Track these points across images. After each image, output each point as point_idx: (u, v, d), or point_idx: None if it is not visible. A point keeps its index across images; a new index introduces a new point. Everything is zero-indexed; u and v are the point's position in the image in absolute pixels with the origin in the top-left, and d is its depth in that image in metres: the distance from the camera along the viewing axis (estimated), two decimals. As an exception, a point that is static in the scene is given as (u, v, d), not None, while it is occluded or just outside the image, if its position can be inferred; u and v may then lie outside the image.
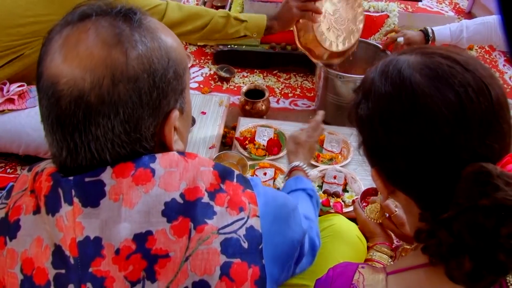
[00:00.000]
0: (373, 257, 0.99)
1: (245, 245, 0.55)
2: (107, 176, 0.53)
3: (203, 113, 1.73)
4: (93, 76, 0.51)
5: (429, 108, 0.54)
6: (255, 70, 2.19)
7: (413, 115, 0.55)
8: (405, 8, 2.21)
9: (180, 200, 0.54)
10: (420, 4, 2.30)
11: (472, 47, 2.48)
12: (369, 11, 2.03)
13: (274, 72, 2.20)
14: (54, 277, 0.53)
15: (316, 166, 1.48)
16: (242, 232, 0.56)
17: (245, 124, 1.68)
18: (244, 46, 2.17)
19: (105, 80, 0.51)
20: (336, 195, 1.39)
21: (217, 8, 2.67)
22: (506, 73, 2.33)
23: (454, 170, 0.53)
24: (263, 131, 1.64)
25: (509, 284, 0.55)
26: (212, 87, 2.04)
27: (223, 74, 2.08)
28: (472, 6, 2.86)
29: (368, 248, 1.05)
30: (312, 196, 0.99)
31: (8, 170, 1.53)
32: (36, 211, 0.56)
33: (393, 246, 1.02)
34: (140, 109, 0.54)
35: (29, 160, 1.54)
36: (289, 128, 1.66)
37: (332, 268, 0.66)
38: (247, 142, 1.58)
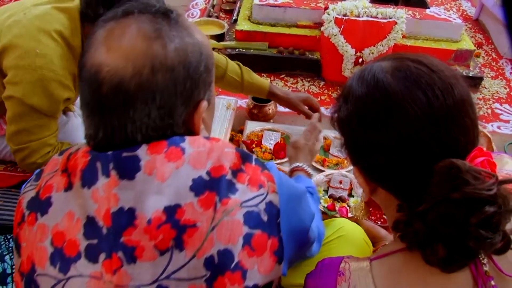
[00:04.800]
0: None
1: (265, 218, 0.59)
2: (142, 152, 0.57)
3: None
4: (134, 65, 0.56)
5: (401, 105, 0.60)
6: (262, 74, 2.21)
7: (387, 112, 0.61)
8: (412, 15, 2.22)
9: (206, 177, 0.58)
10: (427, 11, 2.31)
11: (479, 54, 2.48)
12: (377, 17, 2.03)
13: (282, 76, 2.23)
14: (85, 247, 0.56)
15: (322, 171, 1.49)
16: (262, 206, 0.60)
17: (252, 128, 1.70)
18: (252, 50, 2.20)
19: (145, 69, 0.57)
20: (341, 199, 1.40)
21: (225, 12, 2.68)
22: (513, 80, 2.33)
23: (427, 164, 0.59)
24: (270, 135, 1.66)
25: (482, 260, 0.60)
26: (219, 90, 2.05)
27: (231, 77, 2.09)
28: (480, 13, 2.87)
29: (373, 252, 1.06)
30: (312, 193, 1.02)
31: (9, 168, 1.56)
32: (68, 188, 0.60)
33: None
34: (174, 97, 0.59)
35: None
36: (296, 132, 1.68)
37: (320, 261, 0.71)
38: (254, 145, 1.60)
